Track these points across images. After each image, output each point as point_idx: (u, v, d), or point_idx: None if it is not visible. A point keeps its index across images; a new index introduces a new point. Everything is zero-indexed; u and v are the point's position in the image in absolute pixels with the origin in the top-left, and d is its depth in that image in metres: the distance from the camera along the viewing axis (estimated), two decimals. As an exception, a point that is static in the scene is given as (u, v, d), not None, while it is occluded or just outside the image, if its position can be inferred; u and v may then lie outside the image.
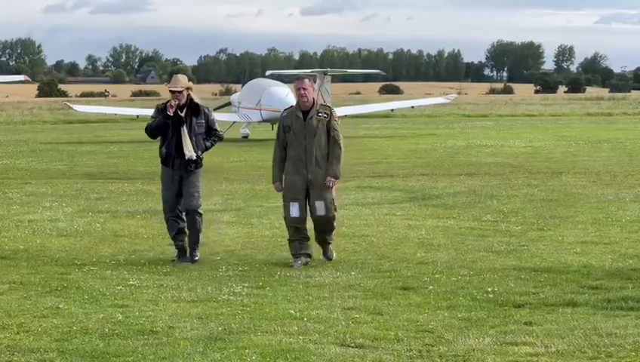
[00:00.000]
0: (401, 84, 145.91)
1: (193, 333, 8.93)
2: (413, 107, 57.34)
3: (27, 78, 57.10)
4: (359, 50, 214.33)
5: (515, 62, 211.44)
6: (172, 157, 12.72)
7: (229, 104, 48.54)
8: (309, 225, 12.67)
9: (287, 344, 8.53)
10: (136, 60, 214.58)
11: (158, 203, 19.51)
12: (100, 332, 8.96)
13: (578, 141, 38.69)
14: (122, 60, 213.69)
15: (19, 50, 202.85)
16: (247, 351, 8.29)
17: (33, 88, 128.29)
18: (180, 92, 12.62)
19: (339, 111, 50.74)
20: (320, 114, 12.44)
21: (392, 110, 57.19)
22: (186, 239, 12.83)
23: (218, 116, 46.29)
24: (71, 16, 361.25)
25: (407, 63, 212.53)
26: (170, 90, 12.66)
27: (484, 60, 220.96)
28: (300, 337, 8.76)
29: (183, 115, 12.64)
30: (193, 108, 12.70)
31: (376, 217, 17.04)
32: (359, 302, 10.22)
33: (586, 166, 27.18)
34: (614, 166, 27.16)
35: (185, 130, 12.62)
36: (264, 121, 44.09)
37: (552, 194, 20.44)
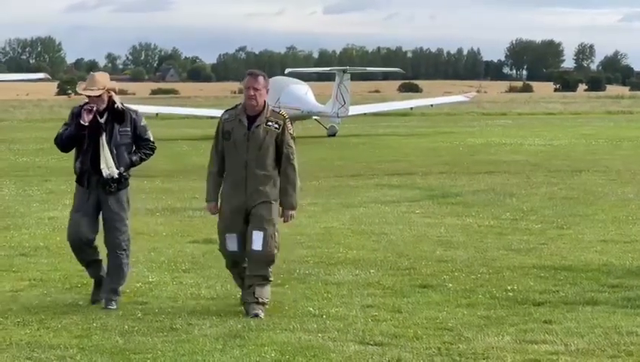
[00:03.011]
0: (420, 83, 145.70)
1: (212, 331, 8.94)
2: (432, 105, 57.30)
3: (47, 76, 57.34)
4: (378, 48, 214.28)
5: (534, 61, 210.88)
6: (87, 174, 10.01)
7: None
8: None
9: (306, 341, 8.53)
10: (156, 58, 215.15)
11: (178, 201, 19.67)
12: (119, 329, 8.98)
13: (598, 139, 38.57)
14: (142, 58, 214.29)
15: (39, 49, 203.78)
16: (266, 348, 8.30)
17: (53, 86, 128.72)
18: (98, 96, 9.93)
19: (357, 109, 50.86)
20: (270, 123, 9.62)
21: (412, 108, 57.19)
22: (104, 272, 10.21)
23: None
24: (92, 15, 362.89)
25: (426, 62, 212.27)
26: (85, 95, 10.00)
27: (503, 59, 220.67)
28: (319, 335, 8.76)
29: (102, 121, 9.97)
30: (116, 114, 10.00)
31: (396, 215, 17.03)
32: (378, 299, 10.21)
33: (606, 164, 27.08)
34: (635, 164, 27.05)
35: (104, 141, 9.93)
36: (283, 119, 44.14)
37: (572, 192, 20.37)
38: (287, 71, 53.58)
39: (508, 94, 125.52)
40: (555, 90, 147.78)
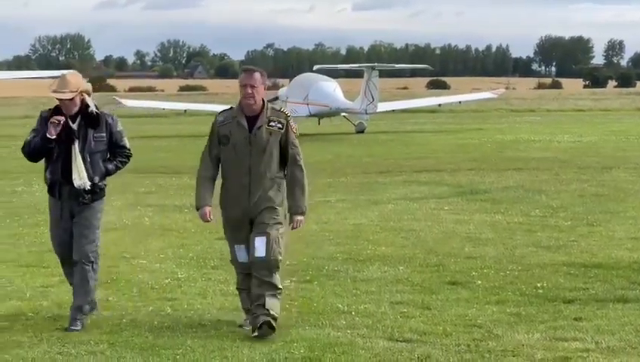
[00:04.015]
0: (448, 79, 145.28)
1: (241, 329, 8.94)
2: (460, 102, 57.13)
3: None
4: (406, 45, 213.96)
5: (563, 57, 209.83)
6: (58, 184, 9.21)
7: (276, 99, 48.71)
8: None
9: (335, 338, 8.53)
10: (184, 55, 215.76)
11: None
12: (149, 325, 9.01)
13: (628, 136, 38.32)
14: (170, 55, 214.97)
15: (68, 46, 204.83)
16: (295, 344, 8.30)
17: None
18: (70, 100, 9.01)
19: (385, 106, 50.79)
20: (272, 123, 8.86)
21: (440, 105, 57.02)
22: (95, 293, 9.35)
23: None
24: (122, 12, 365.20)
25: (454, 58, 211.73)
26: (56, 98, 9.06)
27: (532, 55, 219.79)
28: (348, 331, 8.75)
29: (74, 126, 9.08)
30: (89, 118, 9.12)
31: (424, 212, 16.99)
32: (407, 296, 10.20)
33: (637, 161, 26.88)
34: (665, 161, 26.86)
35: (76, 148, 9.06)
36: (312, 115, 44.34)
37: (602, 189, 20.25)
38: (315, 67, 53.62)
39: (537, 91, 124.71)
40: (585, 86, 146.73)
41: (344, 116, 45.63)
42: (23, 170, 26.06)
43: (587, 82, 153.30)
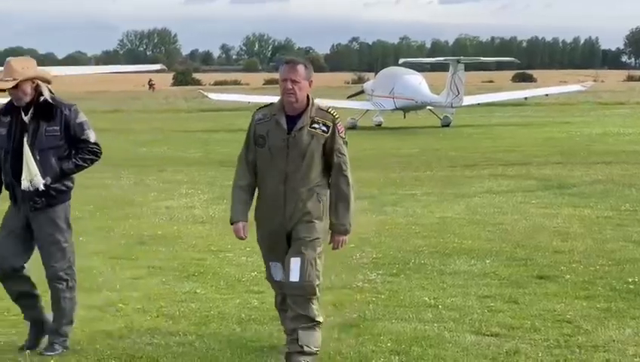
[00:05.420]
0: (534, 72, 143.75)
1: (328, 320, 8.91)
2: (547, 95, 56.46)
3: (163, 67, 58.05)
4: (492, 38, 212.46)
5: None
6: (12, 186, 7.93)
7: (362, 92, 48.73)
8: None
9: (421, 331, 8.50)
10: (269, 49, 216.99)
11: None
12: (236, 318, 9.08)
13: None
14: (255, 49, 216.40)
15: (155, 41, 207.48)
16: (381, 337, 8.29)
17: (169, 77, 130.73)
18: (16, 88, 7.79)
19: (471, 100, 50.41)
20: (316, 125, 7.56)
21: (526, 98, 56.42)
22: (40, 308, 8.18)
23: (351, 104, 46.71)
24: (208, 7, 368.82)
25: (541, 51, 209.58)
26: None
27: (621, 47, 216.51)
28: (435, 325, 8.71)
29: (26, 120, 7.84)
30: (42, 110, 7.86)
31: (511, 205, 16.84)
32: (494, 290, 10.12)
33: None
34: None
35: (25, 145, 7.80)
36: (397, 109, 44.30)
37: (694, 183, 19.85)
38: (401, 61, 53.50)
39: (626, 83, 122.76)
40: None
41: (430, 110, 45.46)
42: (109, 162, 26.44)
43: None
